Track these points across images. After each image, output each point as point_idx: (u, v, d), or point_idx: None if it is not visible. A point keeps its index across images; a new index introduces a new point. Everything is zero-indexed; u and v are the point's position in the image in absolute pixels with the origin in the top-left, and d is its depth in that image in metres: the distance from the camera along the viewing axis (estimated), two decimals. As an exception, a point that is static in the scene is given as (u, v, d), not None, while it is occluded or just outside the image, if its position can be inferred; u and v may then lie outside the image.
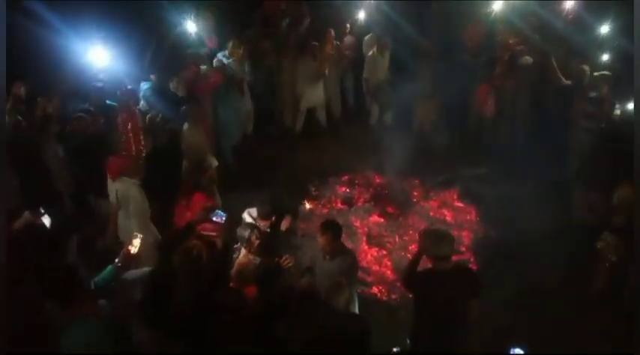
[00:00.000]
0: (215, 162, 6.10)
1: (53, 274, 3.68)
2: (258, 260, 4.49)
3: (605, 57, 7.24)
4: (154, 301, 3.83)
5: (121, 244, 4.69)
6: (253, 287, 4.04)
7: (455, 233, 6.22)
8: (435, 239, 3.94)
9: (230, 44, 7.49)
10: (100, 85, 6.29)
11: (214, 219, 4.47)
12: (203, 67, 7.26)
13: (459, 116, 7.82)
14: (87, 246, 4.85)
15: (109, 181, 5.19)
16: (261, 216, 4.85)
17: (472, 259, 5.99)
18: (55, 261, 4.14)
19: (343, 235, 5.93)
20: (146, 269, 4.16)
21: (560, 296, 5.44)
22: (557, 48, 7.43)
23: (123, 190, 5.01)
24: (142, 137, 5.42)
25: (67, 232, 4.67)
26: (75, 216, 5.92)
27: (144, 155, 5.40)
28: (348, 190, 7.03)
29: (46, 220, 4.44)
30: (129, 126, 5.29)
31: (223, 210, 4.59)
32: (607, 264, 5.12)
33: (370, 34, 8.54)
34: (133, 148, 5.29)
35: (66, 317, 3.44)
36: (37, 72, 6.42)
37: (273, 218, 4.88)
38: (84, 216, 5.88)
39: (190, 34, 7.37)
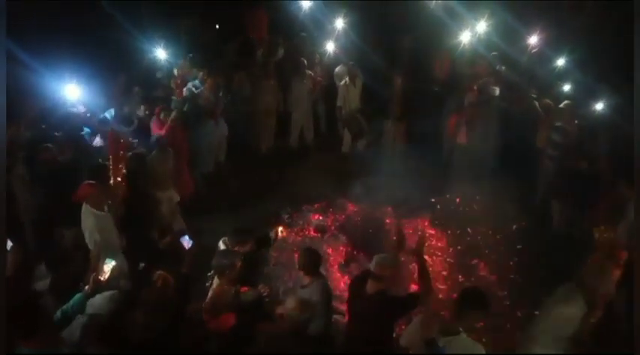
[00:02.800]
0: (177, 197, 6.19)
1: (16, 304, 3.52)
2: (233, 289, 4.39)
3: (566, 88, 7.54)
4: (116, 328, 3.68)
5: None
6: (228, 316, 3.94)
7: (428, 259, 6.30)
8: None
9: (201, 73, 7.53)
10: (74, 110, 6.25)
11: (183, 243, 4.42)
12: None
13: (429, 143, 7.96)
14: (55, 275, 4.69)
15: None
16: (232, 244, 4.76)
17: (443, 287, 5.98)
18: (19, 290, 3.97)
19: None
20: (107, 293, 4.00)
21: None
22: (521, 79, 7.73)
23: (83, 218, 4.95)
24: (121, 165, 5.37)
25: (31, 261, 4.51)
26: (40, 245, 5.74)
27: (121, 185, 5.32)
28: (321, 218, 7.01)
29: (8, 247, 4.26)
30: (112, 156, 5.22)
31: (191, 236, 4.54)
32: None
33: (340, 65, 8.72)
34: (111, 177, 5.19)
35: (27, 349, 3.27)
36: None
37: (249, 246, 4.79)
38: (48, 245, 5.70)
39: (160, 60, 7.38)
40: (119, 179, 5.50)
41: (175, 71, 7.27)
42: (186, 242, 4.43)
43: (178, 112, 6.69)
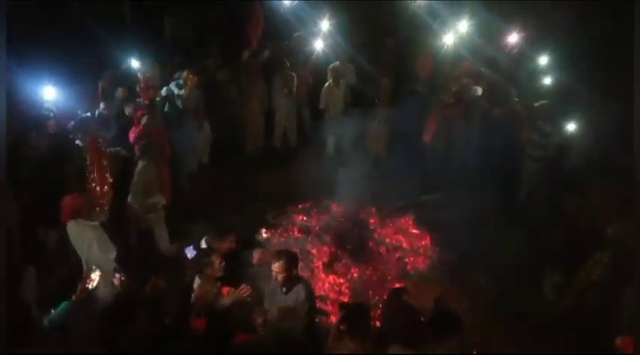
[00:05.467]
0: (163, 201, 6.13)
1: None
2: (215, 288, 4.40)
3: (546, 85, 7.66)
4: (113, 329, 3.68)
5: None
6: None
7: (411, 258, 6.38)
8: None
9: (184, 73, 7.49)
10: (50, 114, 6.18)
11: (187, 253, 4.40)
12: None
13: (412, 144, 8.03)
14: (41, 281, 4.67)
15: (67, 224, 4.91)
16: (212, 241, 4.74)
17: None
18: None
19: (300, 264, 5.99)
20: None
21: (520, 317, 5.57)
22: (502, 79, 7.84)
23: (75, 233, 4.80)
24: (108, 175, 5.24)
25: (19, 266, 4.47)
26: (24, 249, 5.68)
27: (108, 193, 5.22)
28: (305, 218, 7.03)
29: None
30: (95, 164, 5.09)
31: (195, 246, 4.52)
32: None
33: (331, 65, 8.71)
34: (97, 187, 5.09)
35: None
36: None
37: (228, 243, 4.79)
38: (34, 249, 5.64)
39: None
40: (106, 187, 5.41)
41: (139, 75, 7.00)
42: (190, 252, 4.40)
43: (150, 117, 6.44)
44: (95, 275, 4.07)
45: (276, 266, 4.31)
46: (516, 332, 5.42)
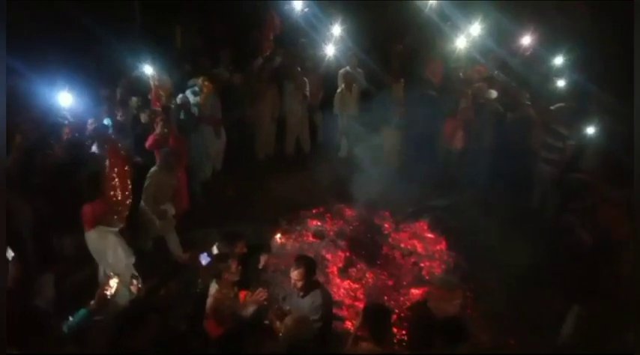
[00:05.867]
0: (172, 211, 6.15)
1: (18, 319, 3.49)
2: (232, 293, 4.39)
3: (560, 88, 7.60)
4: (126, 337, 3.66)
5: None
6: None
7: (426, 263, 6.32)
8: None
9: (200, 80, 7.52)
10: (65, 121, 6.24)
11: (201, 260, 4.39)
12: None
13: (426, 149, 7.99)
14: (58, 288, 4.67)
15: (86, 234, 4.95)
16: (223, 247, 4.73)
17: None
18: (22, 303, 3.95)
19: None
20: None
21: (533, 323, 5.47)
22: (515, 82, 7.79)
23: (97, 240, 4.81)
24: (129, 181, 5.23)
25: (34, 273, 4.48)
26: (41, 256, 5.70)
27: (128, 199, 5.23)
28: (319, 223, 7.01)
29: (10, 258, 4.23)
30: (115, 170, 5.09)
31: (209, 253, 4.51)
32: None
33: (342, 71, 8.71)
34: (119, 194, 5.09)
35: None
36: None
37: (239, 248, 4.77)
38: (50, 256, 5.66)
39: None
40: (127, 193, 5.41)
41: (151, 82, 6.97)
42: (205, 259, 4.40)
43: (163, 125, 6.41)
44: (114, 282, 4.03)
45: (295, 274, 4.28)
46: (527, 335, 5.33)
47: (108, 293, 3.92)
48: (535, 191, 7.43)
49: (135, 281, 4.09)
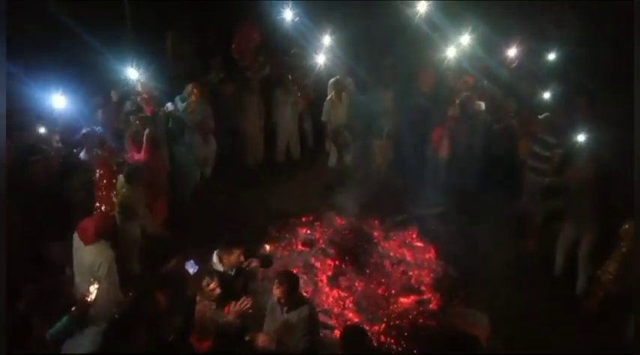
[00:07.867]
0: (137, 232, 6.03)
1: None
2: (214, 306, 4.37)
3: (546, 98, 7.68)
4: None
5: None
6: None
7: (415, 272, 6.35)
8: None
9: (189, 86, 7.53)
10: (55, 128, 6.23)
11: (188, 268, 4.37)
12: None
13: (416, 157, 8.04)
14: (43, 295, 4.62)
15: (79, 247, 4.87)
16: (221, 255, 4.73)
17: (432, 298, 6.02)
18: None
19: (304, 277, 5.98)
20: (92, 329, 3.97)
21: (523, 330, 5.51)
22: (500, 92, 7.89)
23: (95, 255, 4.76)
24: (113, 193, 5.20)
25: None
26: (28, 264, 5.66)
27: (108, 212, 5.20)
28: (308, 232, 7.02)
29: None
30: (104, 182, 5.05)
31: (196, 261, 4.49)
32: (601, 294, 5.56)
33: (332, 79, 8.76)
34: (103, 207, 5.05)
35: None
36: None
37: (236, 256, 4.76)
38: (37, 264, 5.62)
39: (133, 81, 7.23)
40: (108, 207, 5.32)
41: (139, 86, 6.95)
42: (192, 267, 4.37)
43: (151, 131, 6.41)
44: (93, 288, 4.05)
45: (277, 292, 4.23)
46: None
47: (89, 298, 3.95)
48: (523, 200, 7.49)
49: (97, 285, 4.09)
